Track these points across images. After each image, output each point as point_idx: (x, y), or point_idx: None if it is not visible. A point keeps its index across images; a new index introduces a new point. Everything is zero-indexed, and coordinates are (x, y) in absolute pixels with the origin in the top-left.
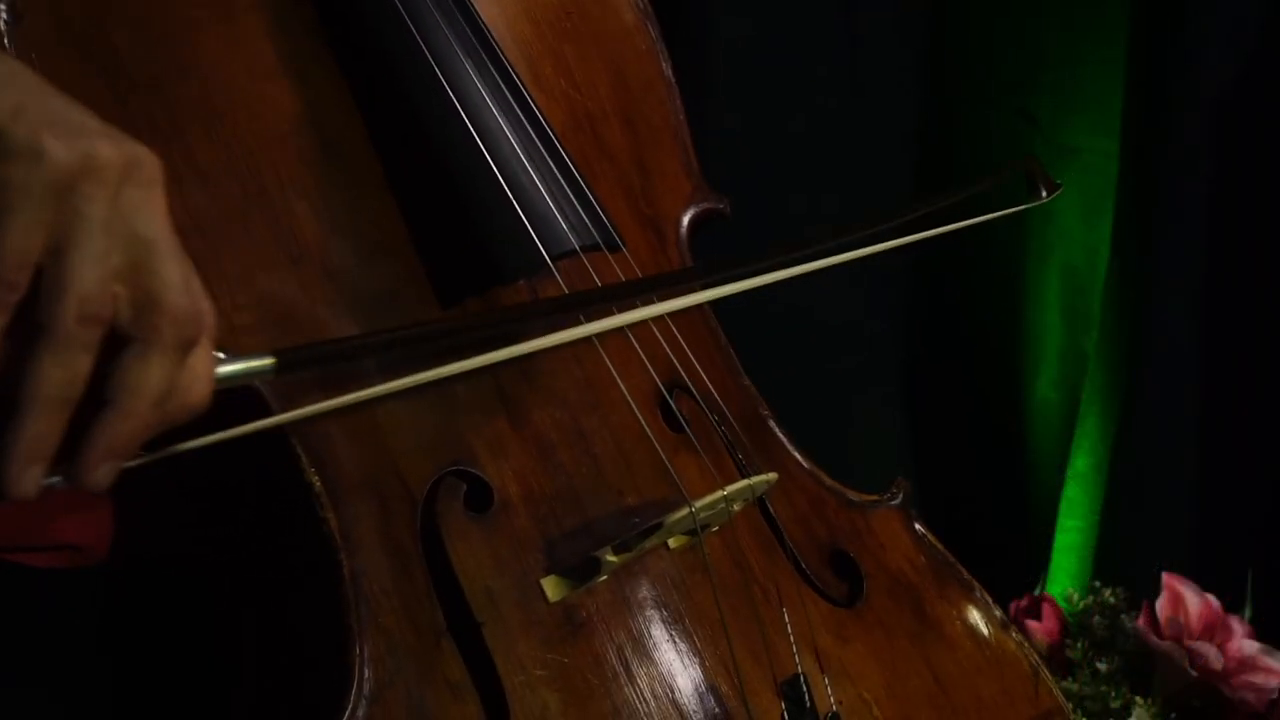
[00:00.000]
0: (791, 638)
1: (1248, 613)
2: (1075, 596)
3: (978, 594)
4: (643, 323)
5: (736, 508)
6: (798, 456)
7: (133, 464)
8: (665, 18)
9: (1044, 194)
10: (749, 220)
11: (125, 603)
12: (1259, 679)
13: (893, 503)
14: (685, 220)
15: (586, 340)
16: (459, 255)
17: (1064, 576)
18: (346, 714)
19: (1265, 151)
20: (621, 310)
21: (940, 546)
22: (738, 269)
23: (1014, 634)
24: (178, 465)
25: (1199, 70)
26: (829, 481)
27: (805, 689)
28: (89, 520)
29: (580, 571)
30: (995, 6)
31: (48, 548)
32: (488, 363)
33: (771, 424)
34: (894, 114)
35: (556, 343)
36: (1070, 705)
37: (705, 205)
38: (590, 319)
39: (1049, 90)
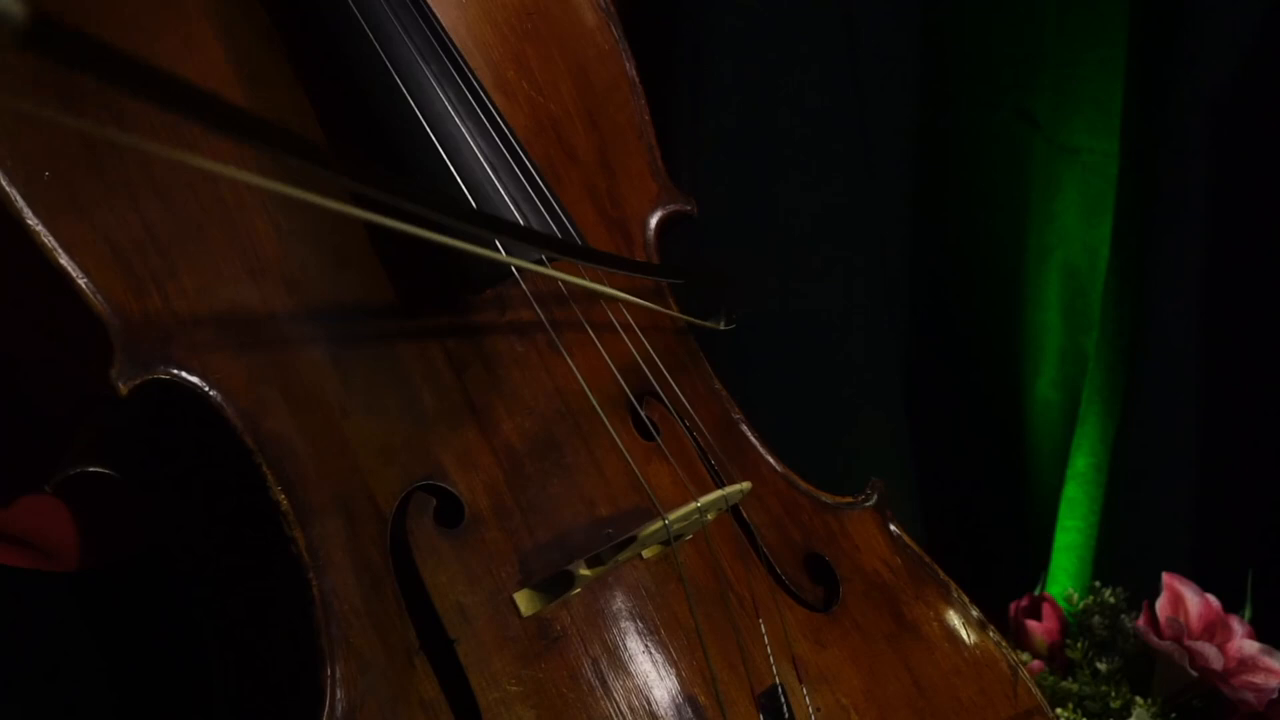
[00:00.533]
0: (769, 647)
1: (1248, 613)
2: (1075, 596)
3: (954, 594)
4: (610, 328)
5: (710, 517)
6: (771, 460)
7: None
8: (661, 18)
9: (720, 323)
10: (749, 221)
11: (105, 612)
12: (1259, 679)
13: (867, 504)
14: (652, 222)
15: (546, 339)
16: (424, 265)
17: (1064, 576)
18: None
19: (1265, 151)
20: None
21: (916, 547)
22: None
23: (992, 633)
24: (156, 476)
25: (1199, 70)
26: (803, 485)
27: (784, 700)
28: (52, 523)
29: (553, 585)
30: (994, 6)
31: (7, 537)
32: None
33: (744, 428)
34: (893, 114)
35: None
36: (1069, 706)
37: (672, 207)
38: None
39: (1049, 90)
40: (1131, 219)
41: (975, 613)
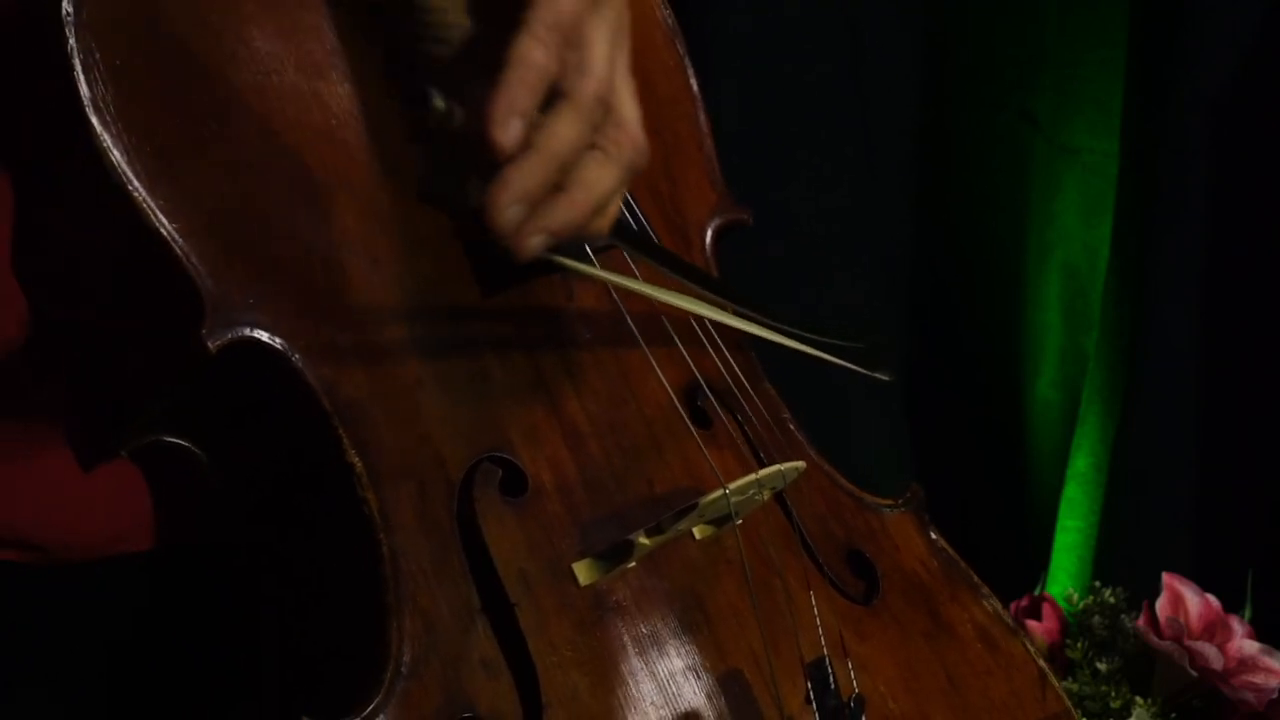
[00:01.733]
0: (818, 623)
1: (1248, 613)
2: (1075, 596)
3: (988, 599)
4: (685, 321)
5: (766, 495)
6: (815, 458)
7: None
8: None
9: (879, 375)
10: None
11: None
12: (1259, 679)
13: (909, 507)
14: (710, 229)
15: (623, 328)
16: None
17: (1064, 576)
18: (384, 689)
19: (1265, 151)
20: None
21: (953, 552)
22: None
23: (1023, 638)
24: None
25: (1199, 70)
26: (845, 484)
27: (830, 671)
28: (51, 520)
29: (612, 555)
30: (995, 7)
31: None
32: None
33: (792, 426)
34: (895, 115)
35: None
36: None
37: (730, 215)
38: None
39: (1049, 90)
40: (1131, 219)
41: (1009, 617)
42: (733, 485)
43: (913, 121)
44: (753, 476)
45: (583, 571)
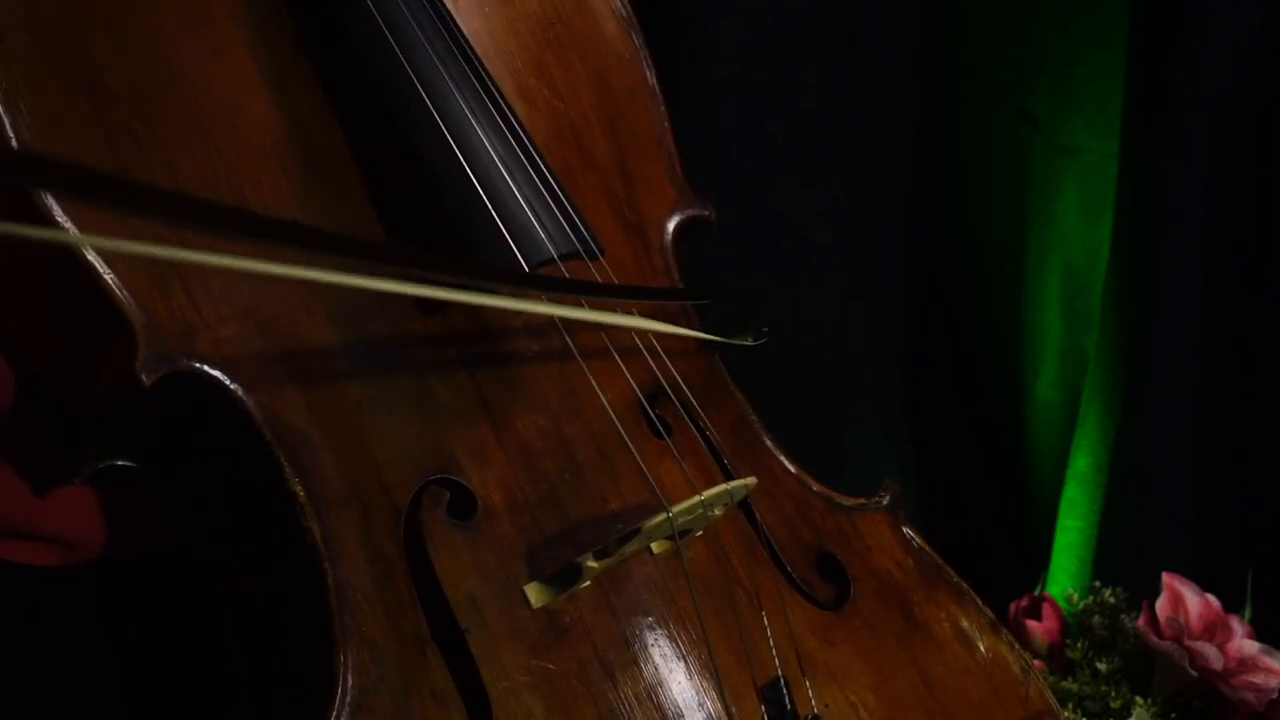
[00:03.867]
0: (772, 641)
1: (1248, 613)
2: (1075, 596)
3: (967, 596)
4: (624, 329)
5: (717, 512)
6: (784, 461)
7: None
8: (662, 19)
9: (750, 339)
10: (747, 221)
11: (121, 604)
12: (1259, 679)
13: (880, 505)
14: (670, 226)
15: (562, 343)
16: None
17: (1064, 576)
18: None
19: (1265, 152)
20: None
21: (929, 549)
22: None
23: (1005, 635)
24: (174, 465)
25: (1199, 71)
26: (816, 485)
27: (785, 692)
28: (82, 517)
29: (562, 578)
30: (994, 7)
31: (40, 538)
32: (401, 290)
33: (757, 429)
34: (893, 114)
35: (501, 305)
36: (1069, 706)
37: (690, 212)
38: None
39: (1049, 90)
40: (1131, 219)
41: (988, 614)
42: (677, 508)
43: (911, 122)
44: (697, 498)
45: (535, 594)
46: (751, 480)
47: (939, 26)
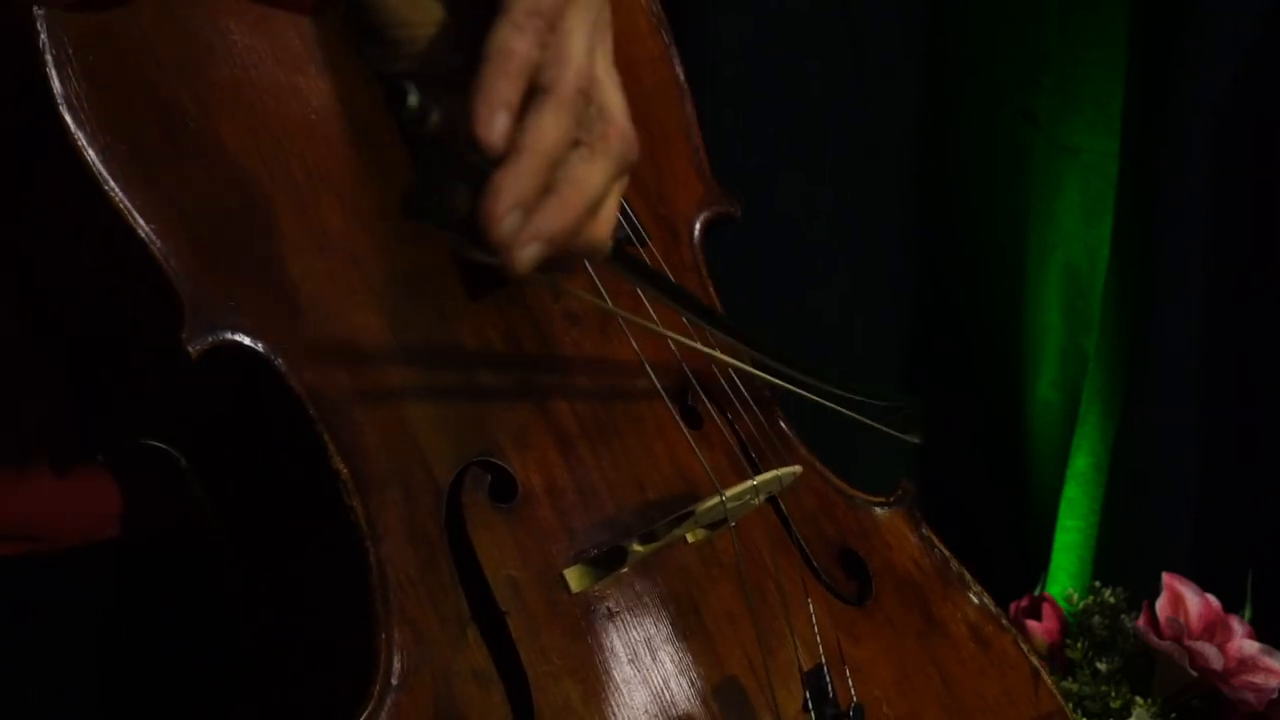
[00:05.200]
0: (816, 629)
1: (1248, 613)
2: (1075, 596)
3: (981, 597)
4: (674, 319)
5: (761, 499)
6: (808, 456)
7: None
8: (666, 17)
9: (911, 437)
10: (750, 220)
11: (139, 589)
12: (1259, 679)
13: (900, 504)
14: (698, 222)
15: (603, 329)
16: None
17: (1064, 576)
18: (373, 702)
19: (1265, 152)
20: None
21: (944, 549)
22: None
23: (1016, 637)
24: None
25: (1199, 71)
26: (837, 482)
27: (828, 679)
28: (48, 511)
29: (604, 561)
30: (995, 6)
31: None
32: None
33: (783, 425)
34: (895, 114)
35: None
36: (1069, 706)
37: (718, 208)
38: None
39: (1049, 90)
40: (1131, 219)
41: (1001, 616)
42: (729, 492)
43: (913, 121)
44: (750, 483)
45: (574, 578)
46: (797, 468)
47: (941, 26)
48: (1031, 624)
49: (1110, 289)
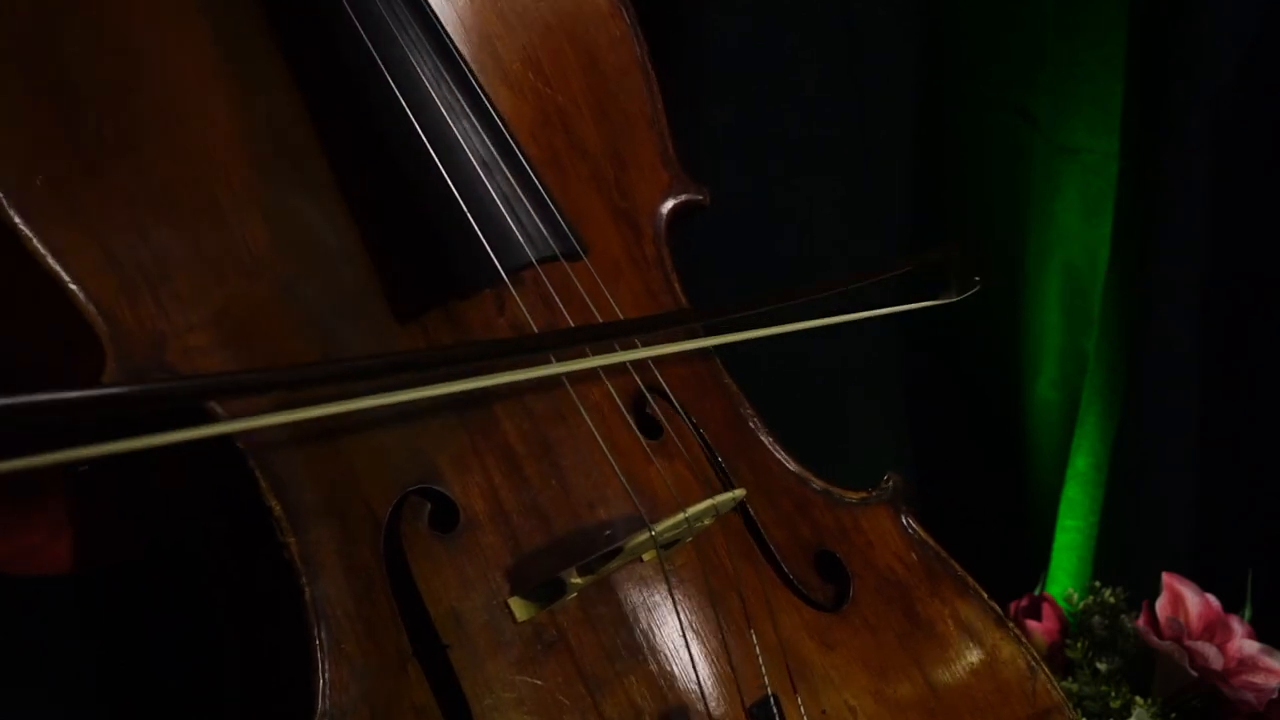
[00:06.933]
0: (759, 657)
1: (1248, 613)
2: (1075, 596)
3: (972, 590)
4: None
5: (706, 523)
6: (781, 458)
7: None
8: (663, 16)
9: (954, 293)
10: (747, 219)
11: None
12: (1259, 679)
13: (882, 498)
14: (663, 212)
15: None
16: (415, 267)
17: (1064, 576)
18: None
19: (1265, 152)
20: (596, 349)
21: (933, 543)
22: (702, 317)
23: (1011, 630)
24: (149, 480)
25: (1199, 70)
26: (815, 481)
27: (775, 711)
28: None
29: (546, 592)
30: (994, 6)
31: None
32: (449, 391)
33: (753, 424)
34: (893, 113)
35: (523, 378)
36: (1069, 706)
37: (684, 196)
38: (561, 357)
39: (1049, 90)
40: (1131, 219)
41: (994, 610)
42: (659, 526)
43: (911, 121)
44: (680, 515)
45: (519, 608)
46: (739, 492)
47: (939, 25)
48: (1031, 624)
49: (1110, 288)
